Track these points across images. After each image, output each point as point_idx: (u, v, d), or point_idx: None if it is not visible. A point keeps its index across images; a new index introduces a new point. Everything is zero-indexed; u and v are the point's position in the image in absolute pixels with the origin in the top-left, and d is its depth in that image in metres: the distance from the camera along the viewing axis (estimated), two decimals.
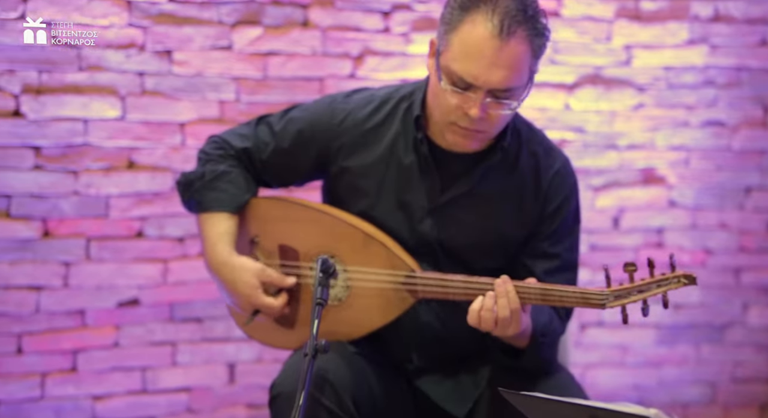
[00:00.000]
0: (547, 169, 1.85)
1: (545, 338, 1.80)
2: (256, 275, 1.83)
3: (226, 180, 1.89)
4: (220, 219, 1.88)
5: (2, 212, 2.54)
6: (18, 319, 2.56)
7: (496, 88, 1.68)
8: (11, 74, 2.51)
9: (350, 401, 1.74)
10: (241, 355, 2.75)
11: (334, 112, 1.88)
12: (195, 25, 2.65)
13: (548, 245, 1.85)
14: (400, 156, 1.84)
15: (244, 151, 1.92)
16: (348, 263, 1.82)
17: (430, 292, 1.78)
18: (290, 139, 1.89)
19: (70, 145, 2.58)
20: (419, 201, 1.84)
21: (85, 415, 2.64)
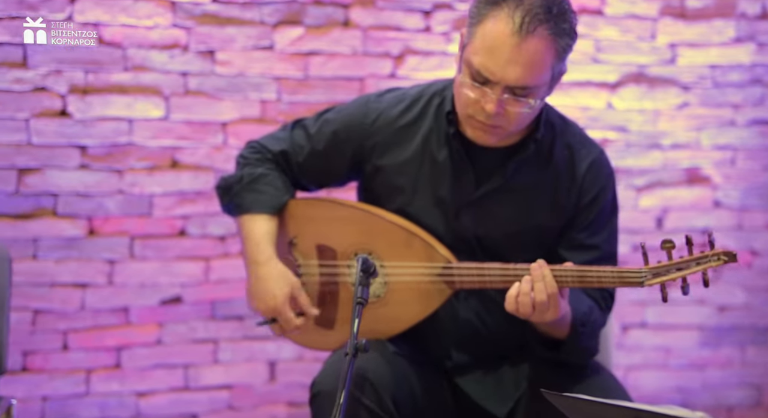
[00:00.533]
0: (581, 160, 1.85)
1: (585, 328, 1.79)
2: (291, 286, 1.84)
3: (265, 182, 1.91)
4: (261, 220, 1.89)
5: (49, 210, 2.58)
6: (64, 316, 2.60)
7: (513, 85, 1.68)
8: (58, 75, 2.55)
9: (390, 400, 1.74)
10: (282, 353, 2.77)
11: (368, 111, 1.89)
12: (237, 25, 2.67)
13: (586, 236, 1.84)
14: (433, 152, 1.85)
15: (281, 154, 1.94)
16: (385, 258, 1.83)
17: (467, 281, 1.78)
18: (325, 140, 1.90)
19: (115, 144, 2.61)
20: (454, 196, 1.84)
21: (129, 411, 2.67)
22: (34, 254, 2.57)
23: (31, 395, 2.58)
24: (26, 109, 2.53)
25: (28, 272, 2.55)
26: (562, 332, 1.79)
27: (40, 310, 2.58)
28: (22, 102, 2.52)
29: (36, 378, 2.59)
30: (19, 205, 2.55)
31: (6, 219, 2.55)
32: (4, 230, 2.52)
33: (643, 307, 3.00)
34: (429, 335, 1.87)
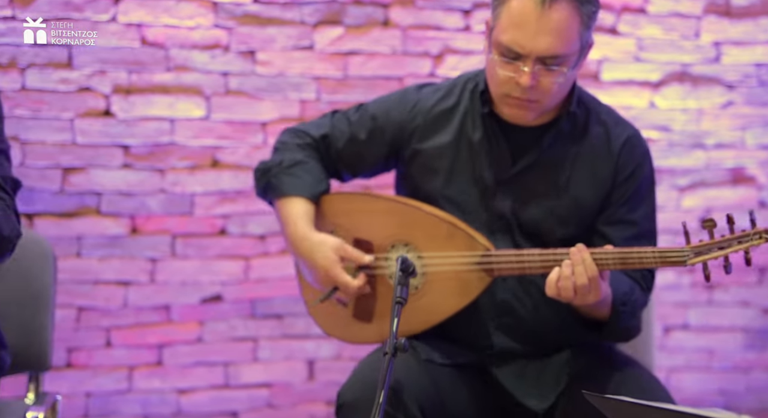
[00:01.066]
0: (617, 137, 1.87)
1: (626, 307, 1.79)
2: (334, 250, 1.85)
3: (304, 169, 1.93)
4: (298, 202, 1.92)
5: (93, 209, 2.62)
6: (107, 313, 2.64)
7: (543, 55, 1.73)
8: (102, 75, 2.58)
9: (416, 408, 1.74)
10: (321, 352, 2.78)
11: (406, 100, 1.95)
12: (278, 25, 2.68)
13: (625, 211, 1.86)
14: (469, 133, 1.89)
15: (323, 138, 1.97)
16: (422, 249, 1.83)
17: (506, 269, 1.79)
18: (365, 127, 1.94)
19: (158, 144, 2.64)
20: (491, 175, 1.87)
21: (170, 408, 2.70)
22: (78, 252, 2.61)
23: (75, 391, 2.62)
24: (71, 109, 2.57)
25: (73, 270, 2.59)
26: (603, 313, 1.79)
27: (84, 307, 2.62)
28: (67, 102, 2.57)
29: (80, 374, 2.63)
30: (63, 203, 2.59)
31: (51, 217, 2.59)
32: (49, 228, 2.57)
33: (686, 308, 2.96)
34: (468, 322, 1.86)
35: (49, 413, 1.93)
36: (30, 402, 1.97)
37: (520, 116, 1.81)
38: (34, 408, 1.90)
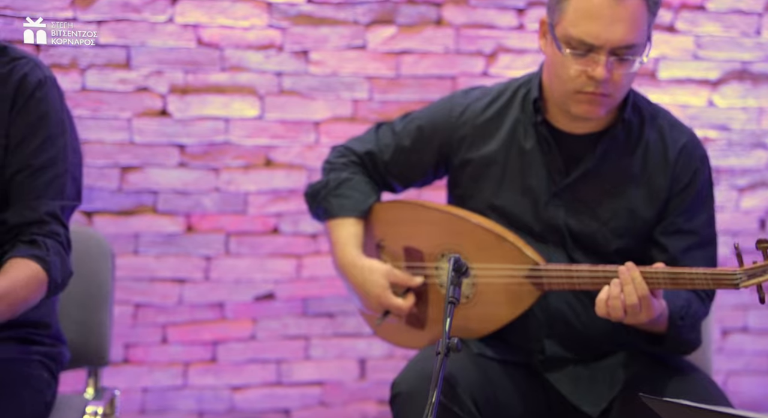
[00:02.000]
0: (673, 143, 1.83)
1: (684, 321, 1.75)
2: (384, 276, 1.85)
3: (350, 186, 1.93)
4: (346, 224, 1.92)
5: (149, 207, 2.66)
6: (163, 310, 2.68)
7: (618, 45, 1.71)
8: (159, 75, 2.62)
9: (471, 401, 1.73)
10: (372, 351, 2.78)
11: (453, 106, 1.91)
12: (331, 25, 2.69)
13: (683, 221, 1.81)
14: (520, 141, 1.85)
15: (367, 154, 1.96)
16: (471, 259, 1.82)
17: (555, 283, 1.76)
18: (411, 137, 1.92)
19: (212, 143, 2.67)
20: (543, 184, 1.84)
21: (224, 404, 2.73)
22: (135, 249, 2.65)
23: (132, 386, 2.66)
24: (129, 108, 2.62)
25: (130, 267, 2.64)
26: (660, 328, 1.75)
27: (141, 304, 2.67)
28: (125, 102, 2.61)
29: (137, 370, 2.67)
30: (121, 202, 2.64)
31: (109, 215, 2.64)
32: (108, 225, 2.62)
33: (745, 311, 2.90)
34: (519, 327, 1.85)
35: (107, 407, 1.96)
36: (89, 397, 2.00)
37: (591, 112, 1.77)
38: (93, 403, 1.93)
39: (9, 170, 1.66)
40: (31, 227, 1.64)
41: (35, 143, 1.66)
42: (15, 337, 1.77)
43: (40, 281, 1.62)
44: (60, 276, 1.66)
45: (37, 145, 1.66)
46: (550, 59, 1.79)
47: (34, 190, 1.65)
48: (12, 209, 1.65)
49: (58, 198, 1.67)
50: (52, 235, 1.65)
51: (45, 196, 1.65)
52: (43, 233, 1.64)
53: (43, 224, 1.64)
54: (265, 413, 2.75)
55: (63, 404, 1.88)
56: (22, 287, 1.60)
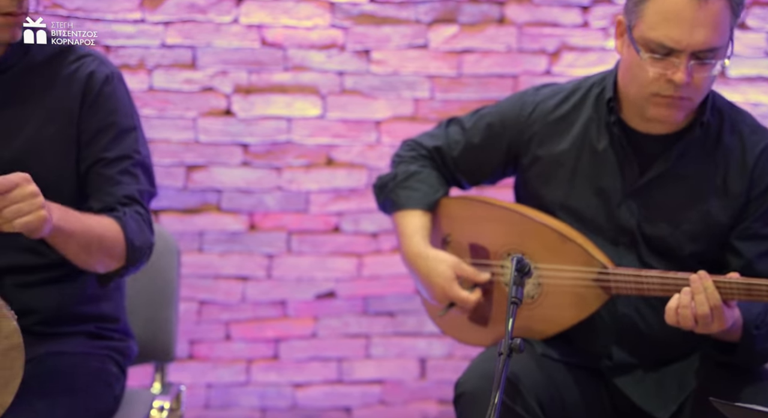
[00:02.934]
0: (753, 147, 1.77)
1: (759, 331, 1.70)
2: (451, 267, 1.84)
3: (418, 179, 1.92)
4: (413, 215, 1.91)
5: (213, 205, 2.70)
6: (226, 307, 2.72)
7: (699, 49, 1.65)
8: (224, 75, 2.66)
9: (536, 403, 1.72)
10: (433, 350, 2.78)
11: (524, 104, 1.88)
12: (393, 24, 2.70)
13: (760, 225, 1.75)
14: (593, 141, 1.81)
15: (436, 149, 1.95)
16: (538, 260, 1.80)
17: (624, 288, 1.73)
18: (481, 134, 1.90)
19: (275, 142, 2.70)
20: (616, 186, 1.80)
21: (286, 401, 2.76)
22: (199, 247, 2.69)
23: (197, 382, 2.70)
24: (194, 108, 2.66)
25: (195, 265, 2.68)
26: (733, 337, 1.70)
27: (205, 301, 2.71)
28: (190, 102, 2.65)
29: (201, 366, 2.72)
30: (186, 200, 2.68)
31: (175, 213, 2.68)
32: (173, 223, 2.66)
33: None
34: (586, 332, 1.82)
35: (174, 402, 1.99)
36: (156, 391, 2.04)
37: (669, 116, 1.72)
38: (160, 397, 1.97)
39: (84, 164, 1.70)
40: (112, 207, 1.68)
41: (107, 138, 1.71)
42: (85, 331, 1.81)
43: (116, 232, 1.64)
44: (138, 240, 1.67)
45: (110, 139, 1.70)
46: (626, 61, 1.74)
47: (111, 178, 1.70)
48: (93, 197, 1.70)
49: (134, 183, 1.72)
50: (132, 210, 1.69)
51: (122, 183, 1.70)
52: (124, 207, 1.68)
53: (124, 204, 1.69)
54: (326, 411, 2.77)
55: (131, 398, 1.91)
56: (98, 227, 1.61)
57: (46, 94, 1.70)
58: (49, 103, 1.69)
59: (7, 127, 1.68)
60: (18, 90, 1.69)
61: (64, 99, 1.70)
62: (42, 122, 1.69)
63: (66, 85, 1.70)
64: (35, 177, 1.68)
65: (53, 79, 1.70)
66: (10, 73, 1.69)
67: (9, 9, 1.58)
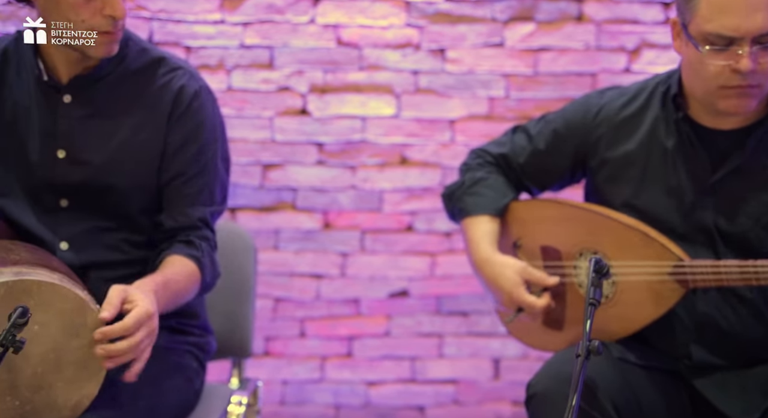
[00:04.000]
0: None
1: None
2: (518, 273, 1.83)
3: (485, 185, 1.92)
4: (481, 221, 1.91)
5: (289, 204, 2.73)
6: (301, 305, 2.74)
7: (760, 33, 1.62)
8: (300, 75, 2.69)
9: (611, 406, 1.69)
10: (507, 351, 2.76)
11: (589, 107, 1.87)
12: (469, 23, 2.69)
13: None
14: (661, 140, 1.79)
15: (502, 156, 1.95)
16: (611, 257, 1.77)
17: (701, 280, 1.69)
18: (546, 140, 1.89)
19: (349, 141, 2.71)
20: (688, 184, 1.76)
21: (359, 399, 2.77)
22: (275, 245, 2.73)
23: (273, 378, 2.74)
24: (271, 107, 2.69)
25: (270, 262, 2.71)
26: None
27: (281, 298, 2.74)
28: (267, 101, 2.69)
29: (277, 362, 2.75)
30: (262, 198, 2.72)
31: (252, 211, 2.72)
32: (250, 221, 2.70)
33: None
34: (663, 331, 1.79)
35: (251, 397, 2.02)
36: (234, 387, 2.07)
37: (742, 106, 1.69)
38: (238, 392, 2.00)
39: (166, 175, 1.75)
40: (185, 231, 1.74)
41: (191, 152, 1.75)
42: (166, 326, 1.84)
43: (196, 279, 1.73)
44: (210, 277, 1.77)
45: (192, 154, 1.75)
46: (687, 59, 1.72)
47: (187, 196, 1.75)
48: (167, 213, 1.75)
49: (209, 204, 1.77)
50: (204, 238, 1.75)
51: (197, 203, 1.76)
52: (197, 236, 1.74)
53: (195, 229, 1.75)
54: (399, 410, 2.78)
55: (210, 393, 1.95)
56: (182, 281, 1.70)
57: (137, 104, 1.75)
58: (140, 113, 1.74)
59: (98, 134, 1.74)
60: (111, 98, 1.74)
61: (153, 110, 1.75)
62: (131, 131, 1.74)
63: (157, 97, 1.75)
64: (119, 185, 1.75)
65: (145, 89, 1.75)
66: (105, 81, 1.74)
67: (106, 28, 1.64)
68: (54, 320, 1.47)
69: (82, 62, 1.72)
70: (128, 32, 1.78)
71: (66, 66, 1.71)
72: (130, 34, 1.79)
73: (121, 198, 1.74)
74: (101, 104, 1.73)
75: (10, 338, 1.33)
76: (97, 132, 1.73)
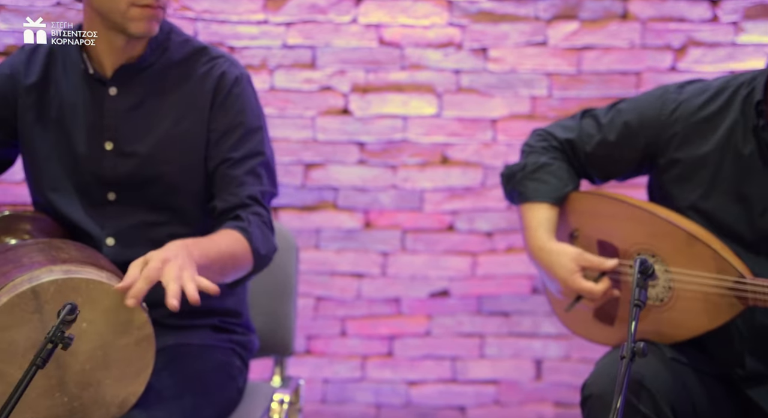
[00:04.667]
0: None
1: None
2: (574, 260, 1.80)
3: (547, 171, 1.89)
4: (540, 208, 1.88)
5: (330, 203, 2.74)
6: (342, 304, 2.75)
7: None
8: (342, 75, 2.69)
9: (668, 408, 1.66)
10: (549, 351, 2.74)
11: (665, 103, 1.81)
12: (511, 21, 2.67)
13: None
14: (737, 145, 1.73)
15: (568, 142, 1.90)
16: (670, 263, 1.74)
17: (761, 300, 1.64)
18: (617, 131, 1.85)
19: (391, 141, 2.71)
20: (761, 193, 1.71)
21: (400, 398, 2.77)
22: (316, 244, 2.74)
23: (314, 376, 2.75)
24: (313, 107, 2.70)
25: (312, 261, 2.72)
26: None
27: (322, 297, 2.75)
28: (309, 101, 2.70)
29: (318, 361, 2.76)
30: (304, 197, 2.73)
31: (293, 211, 2.74)
32: (292, 220, 2.71)
33: None
34: (719, 339, 1.75)
35: (293, 396, 2.03)
36: (276, 385, 2.08)
37: None
38: (280, 390, 2.01)
39: (212, 162, 1.76)
40: (235, 209, 1.74)
41: (235, 137, 1.76)
42: (209, 325, 1.86)
43: (244, 246, 1.70)
44: (263, 248, 1.74)
45: (237, 139, 1.76)
46: None
47: (235, 178, 1.76)
48: (218, 197, 1.76)
49: (257, 184, 1.77)
50: (254, 214, 1.74)
51: (246, 183, 1.76)
52: (247, 211, 1.74)
53: (246, 206, 1.75)
54: (440, 409, 2.77)
55: (252, 391, 1.96)
56: (227, 246, 1.67)
57: (181, 93, 1.76)
58: (183, 102, 1.76)
59: (144, 125, 1.76)
60: (155, 89, 1.76)
61: (196, 98, 1.76)
62: (176, 120, 1.76)
63: (199, 85, 1.76)
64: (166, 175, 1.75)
65: (187, 78, 1.77)
66: (149, 71, 1.76)
67: (147, 1, 1.65)
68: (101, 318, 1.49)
69: (126, 52, 1.74)
70: (171, 24, 1.80)
71: (110, 56, 1.74)
72: (172, 26, 1.81)
73: (168, 189, 1.75)
74: (146, 95, 1.76)
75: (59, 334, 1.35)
76: (143, 123, 1.75)
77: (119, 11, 1.66)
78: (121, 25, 1.68)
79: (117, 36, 1.71)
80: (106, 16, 1.69)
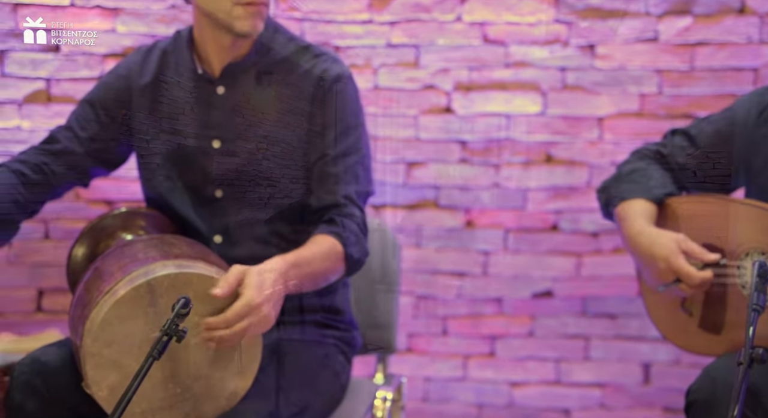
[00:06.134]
0: None
1: None
2: (675, 241, 1.75)
3: (640, 174, 1.87)
4: (636, 203, 1.85)
5: (431, 201, 2.74)
6: (443, 303, 2.74)
7: None
8: (445, 73, 2.68)
9: None
10: (657, 355, 2.67)
11: (752, 106, 1.79)
12: (620, 17, 2.61)
13: None
14: None
15: (660, 154, 1.89)
16: None
17: None
18: (708, 140, 1.83)
19: (493, 139, 2.69)
20: None
21: (503, 399, 2.75)
22: (417, 242, 2.74)
23: (416, 374, 2.75)
24: (415, 106, 2.71)
25: (413, 259, 2.72)
26: None
27: (423, 296, 2.75)
28: (412, 100, 2.70)
29: (419, 359, 2.76)
30: (406, 196, 2.73)
31: (395, 209, 2.75)
32: (394, 219, 2.72)
33: None
34: None
35: (395, 393, 2.04)
36: (378, 382, 2.10)
37: None
38: (383, 388, 2.03)
39: (311, 158, 1.79)
40: (330, 209, 1.76)
41: (333, 133, 1.78)
42: (313, 321, 1.89)
43: (337, 254, 1.73)
44: (356, 252, 1.76)
45: (335, 136, 1.78)
46: None
47: (332, 176, 1.78)
48: (314, 194, 1.79)
49: (353, 183, 1.79)
50: (348, 216, 1.76)
51: (342, 181, 1.78)
52: (341, 214, 1.76)
53: (341, 207, 1.77)
54: (544, 411, 2.73)
55: (355, 388, 1.98)
56: (321, 259, 1.71)
57: (284, 91, 1.80)
58: (286, 100, 1.79)
59: (248, 122, 1.80)
60: (260, 87, 1.80)
61: (298, 95, 1.79)
62: (278, 118, 1.80)
63: (301, 82, 1.79)
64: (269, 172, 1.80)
65: (291, 76, 1.80)
66: (254, 69, 1.80)
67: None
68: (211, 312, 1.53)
69: (233, 51, 1.78)
70: (276, 24, 1.84)
71: (218, 55, 1.79)
72: (277, 25, 1.84)
73: (270, 186, 1.79)
74: (251, 93, 1.80)
75: (173, 327, 1.39)
76: (248, 121, 1.79)
77: (224, 10, 1.71)
78: (227, 24, 1.72)
79: (224, 35, 1.75)
80: (212, 16, 1.74)
